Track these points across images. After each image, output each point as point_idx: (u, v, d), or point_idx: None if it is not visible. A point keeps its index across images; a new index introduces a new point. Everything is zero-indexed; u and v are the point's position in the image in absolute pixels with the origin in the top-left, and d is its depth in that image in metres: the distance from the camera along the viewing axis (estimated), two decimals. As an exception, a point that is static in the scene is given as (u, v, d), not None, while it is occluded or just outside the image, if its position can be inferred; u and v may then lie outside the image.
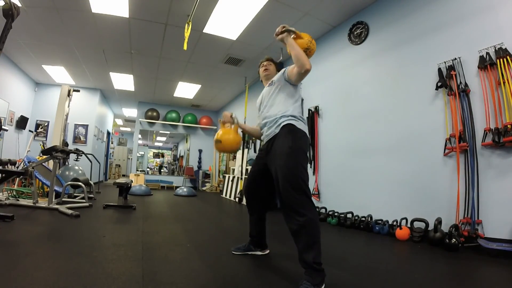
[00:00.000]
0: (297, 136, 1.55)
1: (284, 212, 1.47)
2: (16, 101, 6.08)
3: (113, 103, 9.46)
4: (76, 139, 7.34)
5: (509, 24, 2.17)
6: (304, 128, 1.61)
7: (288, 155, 1.48)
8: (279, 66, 1.94)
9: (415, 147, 2.81)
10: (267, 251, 1.96)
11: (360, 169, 3.42)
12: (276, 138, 1.60)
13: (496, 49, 2.19)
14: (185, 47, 3.62)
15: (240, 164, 5.92)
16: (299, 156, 1.51)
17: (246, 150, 5.99)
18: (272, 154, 1.59)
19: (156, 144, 12.83)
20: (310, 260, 1.33)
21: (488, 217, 2.19)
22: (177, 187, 6.97)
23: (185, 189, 6.43)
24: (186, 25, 3.51)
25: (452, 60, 2.51)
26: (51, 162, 3.79)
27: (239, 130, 1.93)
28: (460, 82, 2.44)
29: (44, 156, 3.79)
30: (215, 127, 9.35)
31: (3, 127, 3.36)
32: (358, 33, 3.63)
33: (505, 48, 2.15)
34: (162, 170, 12.06)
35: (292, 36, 1.57)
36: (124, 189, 4.09)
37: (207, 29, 4.25)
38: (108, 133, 10.38)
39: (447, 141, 2.50)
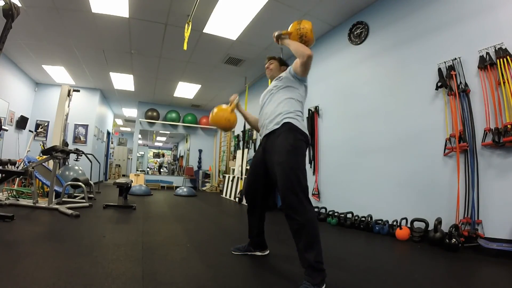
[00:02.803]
0: (297, 136, 1.54)
1: (284, 211, 1.46)
2: (16, 101, 6.08)
3: (113, 103, 9.46)
4: (76, 139, 7.34)
5: (509, 24, 2.17)
6: (305, 129, 1.60)
7: (288, 153, 1.48)
8: (282, 61, 1.92)
9: (415, 147, 2.81)
10: (267, 252, 1.95)
11: (360, 169, 3.42)
12: (276, 134, 1.58)
13: (496, 49, 2.19)
14: (185, 47, 3.62)
15: (240, 164, 5.92)
16: (299, 156, 1.51)
17: (246, 150, 5.99)
18: (272, 151, 1.57)
19: (156, 144, 12.85)
20: (312, 259, 1.32)
21: (488, 217, 2.19)
22: (177, 187, 6.97)
23: (185, 189, 6.43)
24: (186, 25, 3.51)
25: (452, 60, 2.51)
26: (51, 162, 3.79)
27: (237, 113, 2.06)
28: (460, 82, 2.44)
29: (44, 156, 3.79)
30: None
31: (3, 127, 3.36)
32: (358, 33, 3.63)
33: (505, 48, 2.15)
34: (161, 170, 12.06)
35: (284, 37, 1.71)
36: (124, 189, 4.09)
37: (207, 29, 4.25)
38: (108, 133, 10.38)
39: (447, 141, 2.50)
